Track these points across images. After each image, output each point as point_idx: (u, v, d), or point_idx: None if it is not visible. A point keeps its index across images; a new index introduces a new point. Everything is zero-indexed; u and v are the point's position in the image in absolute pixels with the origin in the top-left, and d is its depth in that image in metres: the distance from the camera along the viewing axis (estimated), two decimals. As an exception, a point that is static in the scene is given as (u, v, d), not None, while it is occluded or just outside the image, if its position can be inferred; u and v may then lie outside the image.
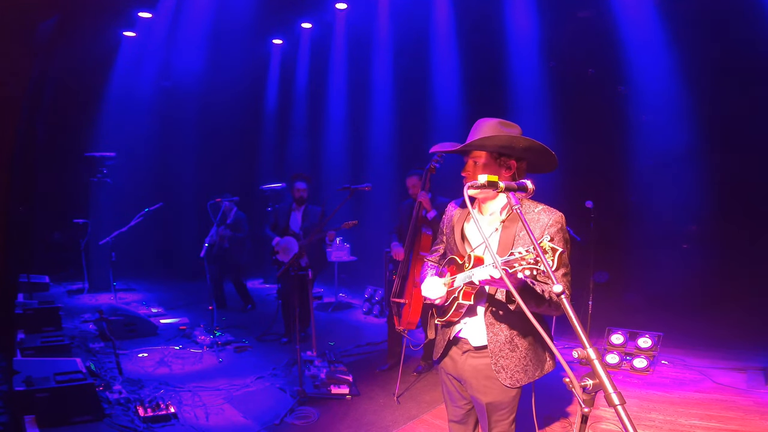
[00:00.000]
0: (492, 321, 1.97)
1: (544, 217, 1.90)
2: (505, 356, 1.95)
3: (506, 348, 1.95)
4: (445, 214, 2.24)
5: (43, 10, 2.74)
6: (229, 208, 6.67)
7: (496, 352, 1.95)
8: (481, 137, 1.88)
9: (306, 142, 9.86)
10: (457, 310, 1.96)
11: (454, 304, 1.93)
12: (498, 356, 1.95)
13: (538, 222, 1.90)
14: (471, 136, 1.97)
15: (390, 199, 7.54)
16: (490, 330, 1.97)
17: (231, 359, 4.96)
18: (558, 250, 1.45)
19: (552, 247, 1.46)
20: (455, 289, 1.93)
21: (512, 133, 1.92)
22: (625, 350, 4.66)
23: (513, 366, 1.95)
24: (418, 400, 4.04)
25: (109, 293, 7.21)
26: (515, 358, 1.96)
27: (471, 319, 2.03)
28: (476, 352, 2.02)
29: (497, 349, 1.95)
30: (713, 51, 5.48)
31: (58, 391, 3.33)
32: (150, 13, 8.21)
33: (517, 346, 1.96)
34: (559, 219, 1.90)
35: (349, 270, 8.43)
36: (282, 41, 9.71)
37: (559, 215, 1.92)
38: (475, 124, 2.01)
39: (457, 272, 1.95)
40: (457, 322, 2.05)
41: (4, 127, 2.50)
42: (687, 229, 6.13)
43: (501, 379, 1.95)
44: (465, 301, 1.90)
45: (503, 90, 6.96)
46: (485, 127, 1.96)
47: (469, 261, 1.88)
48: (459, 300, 1.90)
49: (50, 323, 4.92)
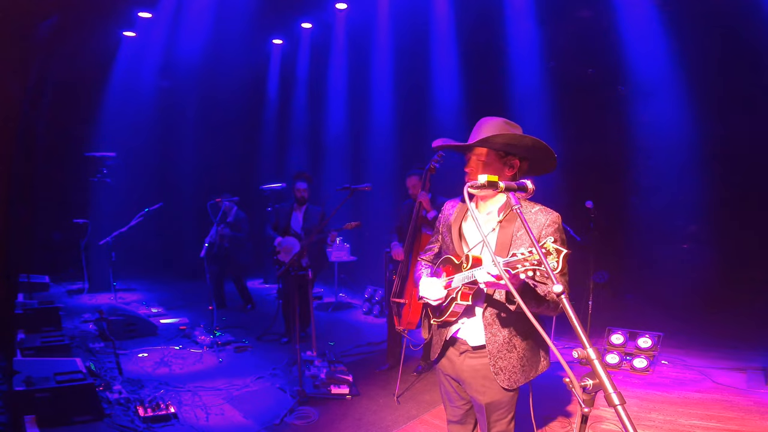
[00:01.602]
0: (490, 321, 1.96)
1: (542, 217, 1.91)
2: (504, 357, 1.95)
3: (504, 349, 1.95)
4: (441, 213, 2.24)
5: (43, 10, 2.74)
6: (229, 207, 6.67)
7: (494, 353, 1.95)
8: (486, 135, 1.88)
9: (306, 142, 9.86)
10: (454, 311, 1.96)
11: (452, 304, 1.93)
12: (496, 357, 1.95)
13: (536, 222, 1.90)
14: (474, 134, 1.96)
15: (390, 199, 7.54)
16: (488, 330, 1.96)
17: (231, 359, 4.96)
18: (563, 251, 1.45)
19: (557, 249, 1.46)
20: (453, 290, 1.92)
21: (509, 129, 1.93)
22: (625, 350, 4.66)
23: (511, 367, 1.95)
24: (418, 400, 4.04)
25: (109, 293, 7.22)
26: (513, 359, 1.96)
27: (469, 320, 2.03)
28: (474, 352, 2.01)
29: (495, 350, 1.95)
30: (713, 51, 5.48)
31: (58, 391, 3.33)
32: (150, 13, 8.21)
33: (515, 346, 1.96)
34: (556, 219, 1.91)
35: (349, 270, 8.43)
36: (282, 41, 9.71)
37: (556, 215, 1.92)
38: (479, 122, 2.00)
39: (453, 272, 1.94)
40: (454, 323, 2.04)
41: (4, 127, 2.49)
42: (687, 229, 6.14)
43: (499, 381, 1.95)
44: (463, 302, 1.90)
45: (503, 90, 6.96)
46: (490, 125, 1.95)
47: (467, 261, 1.87)
48: (457, 300, 1.90)
49: (50, 323, 4.91)
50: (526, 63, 6.82)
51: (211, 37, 8.22)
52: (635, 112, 6.18)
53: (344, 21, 8.59)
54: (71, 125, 8.22)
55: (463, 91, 7.40)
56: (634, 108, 6.18)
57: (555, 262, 1.43)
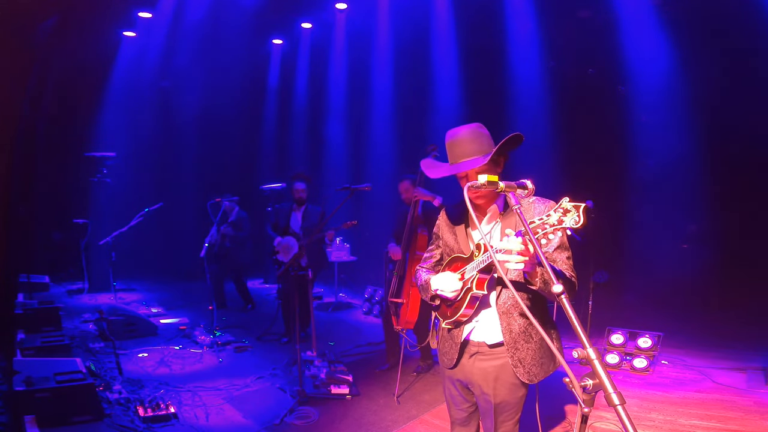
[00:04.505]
0: (505, 310, 1.96)
1: (540, 205, 1.93)
2: (521, 348, 1.95)
3: (521, 339, 1.95)
4: (438, 220, 2.24)
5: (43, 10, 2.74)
6: (230, 207, 6.68)
7: (512, 344, 1.95)
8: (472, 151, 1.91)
9: (306, 142, 9.86)
10: (470, 304, 1.94)
11: (467, 296, 1.92)
12: (514, 349, 1.95)
13: (535, 211, 1.91)
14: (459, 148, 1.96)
15: (390, 199, 7.53)
16: (504, 320, 1.96)
17: (231, 359, 4.96)
18: (581, 205, 1.42)
19: (574, 205, 1.43)
20: (467, 280, 1.92)
21: (486, 133, 1.97)
22: (625, 350, 4.66)
23: (530, 359, 1.95)
24: (417, 400, 4.04)
25: (109, 293, 7.22)
26: (531, 349, 1.96)
27: (482, 316, 2.02)
28: (486, 354, 2.01)
29: (512, 340, 1.95)
30: (713, 50, 5.48)
31: (58, 391, 3.33)
32: (150, 13, 8.21)
33: (531, 336, 1.96)
34: (553, 204, 1.91)
35: (349, 270, 8.43)
36: (282, 41, 9.71)
37: (552, 203, 1.93)
38: (455, 138, 1.97)
39: (464, 265, 1.96)
40: (468, 321, 2.02)
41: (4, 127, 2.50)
42: (687, 229, 6.13)
43: (519, 374, 1.95)
44: (479, 291, 1.88)
45: (503, 90, 6.97)
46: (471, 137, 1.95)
47: (479, 249, 1.89)
48: (473, 290, 1.89)
49: (50, 323, 4.92)
50: (526, 63, 6.82)
51: (211, 37, 8.23)
52: (635, 112, 6.18)
53: (344, 21, 8.59)
54: (71, 125, 8.22)
55: (463, 91, 7.40)
56: (634, 108, 6.18)
57: (576, 217, 1.41)
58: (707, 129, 5.62)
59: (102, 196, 8.00)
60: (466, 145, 1.94)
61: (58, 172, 8.01)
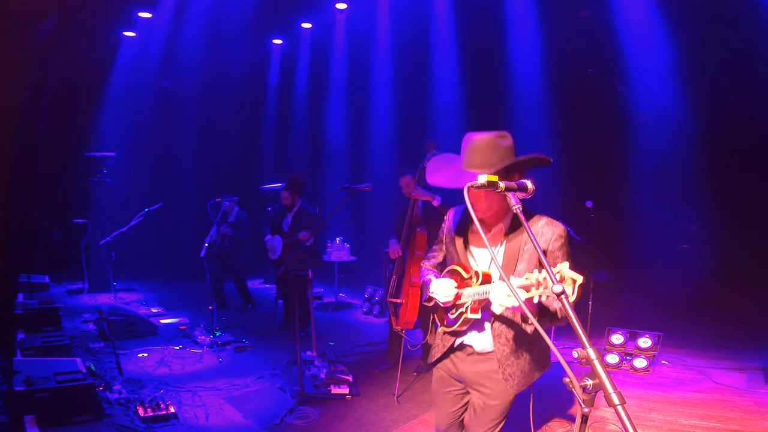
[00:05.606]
0: (499, 333, 1.98)
1: (548, 231, 1.90)
2: (511, 364, 1.98)
3: (512, 356, 1.98)
4: (445, 221, 2.22)
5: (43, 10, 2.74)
6: (230, 207, 6.68)
7: (502, 360, 1.97)
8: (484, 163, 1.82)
9: (306, 142, 9.86)
10: (462, 324, 1.96)
11: (461, 317, 1.94)
12: (505, 365, 1.98)
13: (543, 236, 1.90)
14: (468, 156, 1.87)
15: (390, 199, 7.52)
16: (497, 341, 1.98)
17: (231, 359, 4.96)
18: (578, 280, 1.40)
19: (572, 277, 1.41)
20: (462, 304, 1.93)
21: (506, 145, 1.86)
22: (625, 350, 4.66)
23: (520, 373, 1.99)
24: (417, 400, 4.04)
25: (109, 293, 7.21)
26: (519, 365, 1.99)
27: (476, 331, 2.04)
28: (481, 355, 2.03)
29: (503, 357, 1.97)
30: (713, 50, 5.48)
31: (58, 391, 3.33)
32: (150, 13, 8.21)
33: (521, 353, 1.98)
34: (562, 233, 1.91)
35: (349, 270, 8.43)
36: (282, 41, 9.71)
37: (562, 228, 1.92)
38: (470, 144, 1.87)
39: (461, 285, 1.95)
40: (463, 334, 2.06)
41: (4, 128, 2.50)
42: (687, 229, 6.13)
43: (509, 386, 1.98)
44: (473, 315, 1.91)
45: (503, 90, 6.96)
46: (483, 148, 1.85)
47: (477, 277, 1.88)
48: (467, 314, 1.91)
49: (50, 323, 4.91)
50: (526, 63, 6.82)
51: (211, 37, 8.22)
52: (635, 112, 6.18)
53: (344, 21, 8.59)
54: (71, 125, 8.21)
55: (463, 91, 7.39)
56: (634, 108, 6.18)
57: (570, 289, 1.39)
58: (707, 129, 5.61)
59: (102, 196, 8.00)
60: (474, 154, 1.85)
61: (58, 172, 8.00)
